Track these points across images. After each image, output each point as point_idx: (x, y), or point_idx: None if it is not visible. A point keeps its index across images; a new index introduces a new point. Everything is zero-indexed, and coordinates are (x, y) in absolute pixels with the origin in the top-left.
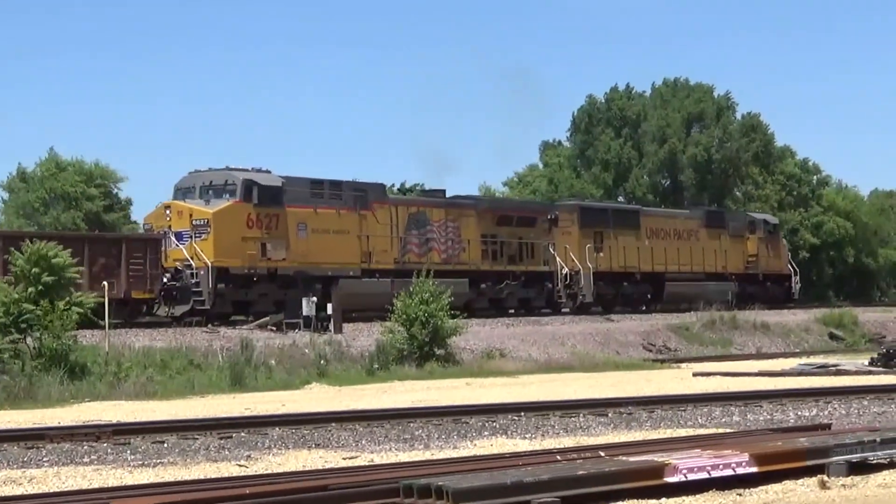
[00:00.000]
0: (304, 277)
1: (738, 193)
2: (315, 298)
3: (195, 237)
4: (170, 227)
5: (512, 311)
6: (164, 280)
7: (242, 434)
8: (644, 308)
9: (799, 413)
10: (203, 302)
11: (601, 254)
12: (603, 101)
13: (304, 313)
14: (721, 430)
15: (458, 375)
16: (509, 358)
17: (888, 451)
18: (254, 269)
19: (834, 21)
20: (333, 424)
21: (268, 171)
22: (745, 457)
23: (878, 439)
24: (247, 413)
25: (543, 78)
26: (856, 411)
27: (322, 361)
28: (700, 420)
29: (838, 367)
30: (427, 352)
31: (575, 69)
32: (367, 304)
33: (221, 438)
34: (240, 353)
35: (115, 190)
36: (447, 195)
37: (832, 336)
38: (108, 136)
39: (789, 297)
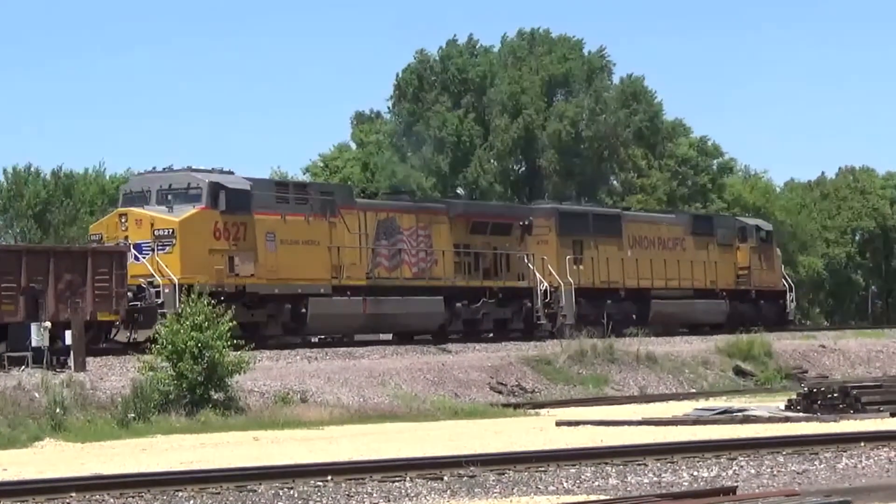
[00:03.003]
0: (273, 296)
1: (614, 182)
2: (48, 324)
3: (157, 250)
4: (126, 237)
5: (490, 334)
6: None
7: None
8: (628, 332)
9: (695, 473)
10: None
11: (581, 266)
12: (437, 59)
13: (34, 344)
14: (593, 497)
15: (242, 427)
16: (312, 403)
17: None
18: (221, 286)
19: None
20: (73, 495)
21: (230, 172)
22: None
23: None
24: None
25: (361, 32)
26: (769, 470)
27: (58, 410)
28: (566, 484)
29: (746, 413)
30: (201, 396)
31: (401, 19)
32: (338, 326)
33: None
34: None
35: None
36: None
37: (738, 371)
38: None
39: (784, 317)
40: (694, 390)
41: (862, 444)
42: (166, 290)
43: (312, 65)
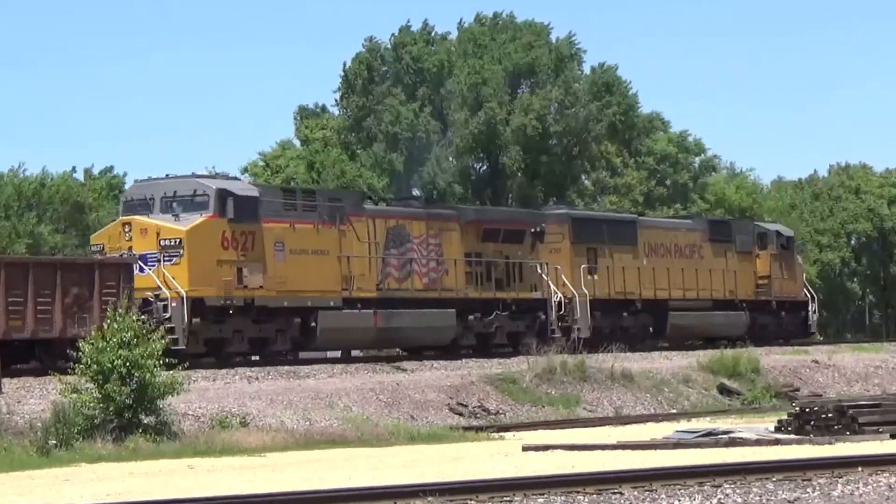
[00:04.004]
0: (281, 309)
1: (586, 182)
2: None
3: (164, 261)
4: (130, 248)
5: (504, 348)
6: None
7: None
8: (642, 346)
9: (676, 502)
10: (177, 340)
11: (596, 276)
12: (388, 47)
13: None
14: None
15: (175, 454)
16: (252, 427)
17: None
18: (230, 299)
19: None
20: None
21: (236, 178)
22: None
23: None
24: None
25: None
26: (757, 499)
27: None
28: None
29: (732, 435)
30: (129, 420)
31: (348, 3)
32: (348, 341)
33: None
34: None
35: None
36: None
37: (723, 390)
38: None
39: (807, 329)
40: (674, 411)
41: (859, 468)
42: (174, 304)
43: (251, 55)
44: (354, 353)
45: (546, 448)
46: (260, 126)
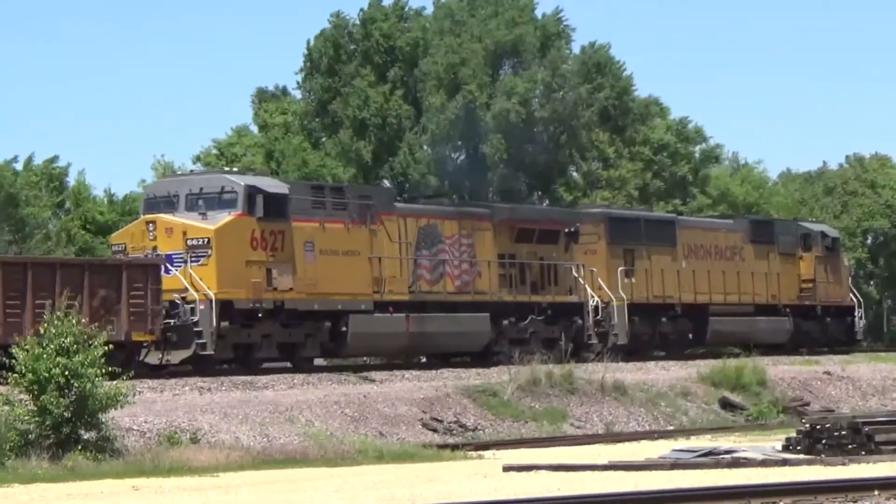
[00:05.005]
0: (311, 312)
1: (575, 174)
2: None
3: (191, 261)
4: (155, 248)
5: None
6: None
7: None
8: (685, 352)
9: None
10: (205, 345)
11: (633, 279)
12: (357, 23)
13: None
14: None
15: (119, 474)
16: (204, 444)
17: None
18: (259, 301)
19: None
20: None
21: (263, 174)
22: None
23: None
24: None
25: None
26: None
27: None
28: None
29: (735, 455)
30: (68, 435)
31: None
32: (379, 347)
33: None
34: None
35: None
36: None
37: (725, 404)
38: None
39: (853, 336)
40: (671, 427)
41: (876, 492)
42: (202, 307)
43: (204, 31)
44: (320, 362)
45: (529, 468)
46: (214, 110)
